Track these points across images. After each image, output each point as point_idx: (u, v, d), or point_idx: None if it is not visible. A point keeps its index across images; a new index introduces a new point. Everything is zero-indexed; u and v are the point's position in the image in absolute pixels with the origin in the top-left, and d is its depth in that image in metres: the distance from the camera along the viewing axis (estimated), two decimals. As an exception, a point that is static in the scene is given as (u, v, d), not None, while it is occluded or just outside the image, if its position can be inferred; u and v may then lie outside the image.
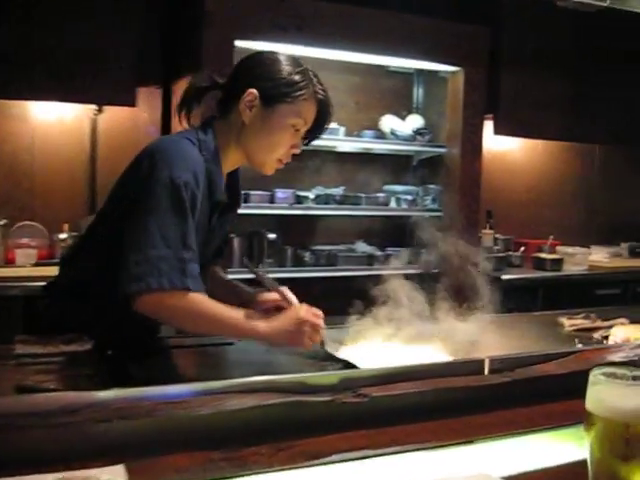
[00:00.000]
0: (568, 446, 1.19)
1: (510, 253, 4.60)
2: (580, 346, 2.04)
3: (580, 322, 2.39)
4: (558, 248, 4.67)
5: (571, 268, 4.56)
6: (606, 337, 2.19)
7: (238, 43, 3.45)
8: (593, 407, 0.88)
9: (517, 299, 4.11)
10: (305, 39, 3.60)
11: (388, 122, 4.26)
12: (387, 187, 4.33)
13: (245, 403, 1.16)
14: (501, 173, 5.01)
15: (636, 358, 1.62)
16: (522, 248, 4.67)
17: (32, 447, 0.95)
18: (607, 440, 0.86)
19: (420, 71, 4.48)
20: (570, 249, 4.67)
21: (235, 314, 1.65)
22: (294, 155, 1.89)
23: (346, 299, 1.99)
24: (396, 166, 4.57)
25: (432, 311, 2.11)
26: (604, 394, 0.87)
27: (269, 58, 1.83)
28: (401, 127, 4.27)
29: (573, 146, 5.23)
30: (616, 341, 2.08)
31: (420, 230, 4.36)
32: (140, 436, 1.06)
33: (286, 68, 1.80)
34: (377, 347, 1.85)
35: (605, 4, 2.62)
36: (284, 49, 3.46)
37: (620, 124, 5.00)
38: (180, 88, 3.78)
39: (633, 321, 2.34)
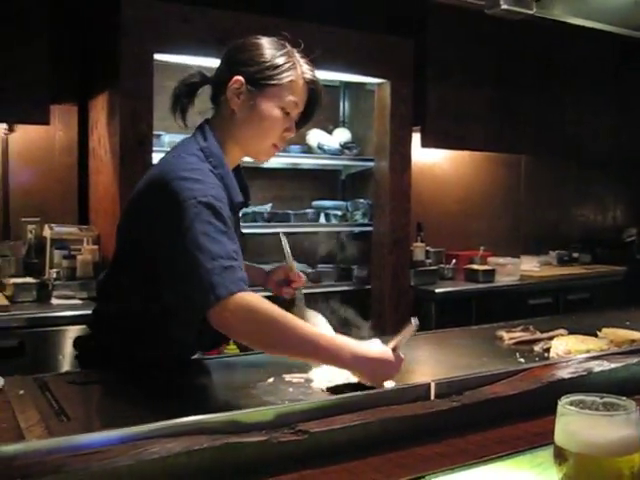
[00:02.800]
0: (526, 475, 1.10)
1: (442, 266, 4.55)
2: (522, 360, 1.98)
3: (519, 335, 2.33)
4: (489, 259, 4.66)
5: (503, 279, 4.55)
6: (547, 349, 2.13)
7: (157, 56, 3.31)
8: (564, 441, 0.78)
9: (451, 312, 4.08)
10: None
11: (315, 136, 4.16)
12: (316, 203, 4.23)
13: (170, 450, 1.02)
14: (430, 185, 4.98)
15: (585, 373, 1.55)
16: (454, 260, 4.64)
17: None
18: (582, 478, 0.77)
19: (346, 84, 4.42)
20: (501, 259, 4.67)
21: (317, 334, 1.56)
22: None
23: None
24: (325, 181, 4.49)
25: (366, 329, 2.01)
26: (575, 426, 0.77)
27: (252, 43, 1.81)
28: (328, 141, 4.18)
29: (499, 157, 5.25)
30: (558, 354, 2.03)
31: (351, 246, 4.32)
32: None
33: (269, 52, 1.78)
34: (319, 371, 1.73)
35: (531, 11, 2.60)
36: (205, 62, 3.36)
37: (544, 135, 5.07)
38: (97, 104, 3.64)
39: (572, 332, 2.29)
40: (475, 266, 4.50)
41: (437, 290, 4.13)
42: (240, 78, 1.76)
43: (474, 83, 4.61)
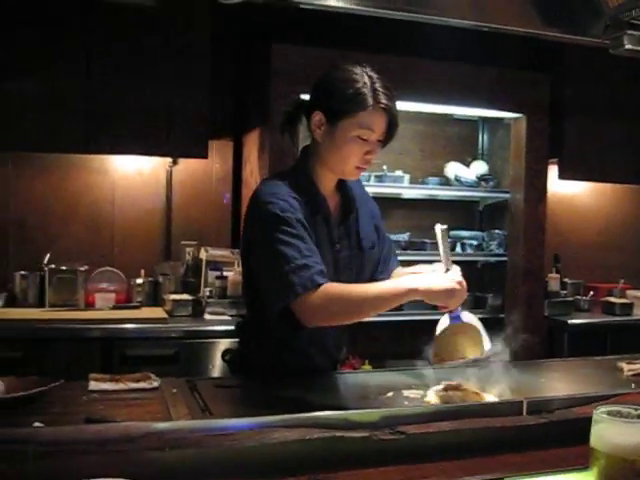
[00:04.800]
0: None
1: (578, 297, 4.56)
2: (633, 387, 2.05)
3: (639, 367, 2.38)
4: (628, 292, 4.61)
5: (640, 312, 4.49)
6: (663, 382, 2.18)
7: (305, 96, 3.61)
8: (596, 444, 0.94)
9: (584, 344, 4.09)
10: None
11: (453, 169, 4.34)
12: (453, 232, 4.39)
13: (287, 437, 1.26)
14: (569, 217, 5.00)
15: (679, 401, 1.64)
16: (591, 292, 4.63)
17: (91, 472, 1.06)
18: (609, 476, 0.93)
19: (484, 118, 4.56)
20: (638, 293, 4.60)
21: (377, 284, 1.91)
22: None
23: (413, 342, 2.09)
24: (462, 212, 4.64)
25: (497, 355, 2.15)
26: (606, 431, 0.93)
27: (330, 78, 2.04)
28: (465, 173, 4.34)
29: (643, 188, 5.18)
30: (672, 386, 2.08)
31: (486, 275, 4.43)
32: (188, 465, 1.17)
33: (344, 85, 1.96)
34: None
35: (655, 51, 2.64)
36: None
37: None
38: (250, 140, 4.00)
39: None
40: (612, 299, 4.48)
41: (570, 321, 4.16)
42: (320, 113, 2.00)
43: (613, 116, 4.59)
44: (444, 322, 2.03)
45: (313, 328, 1.97)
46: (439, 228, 2.02)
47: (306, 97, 3.55)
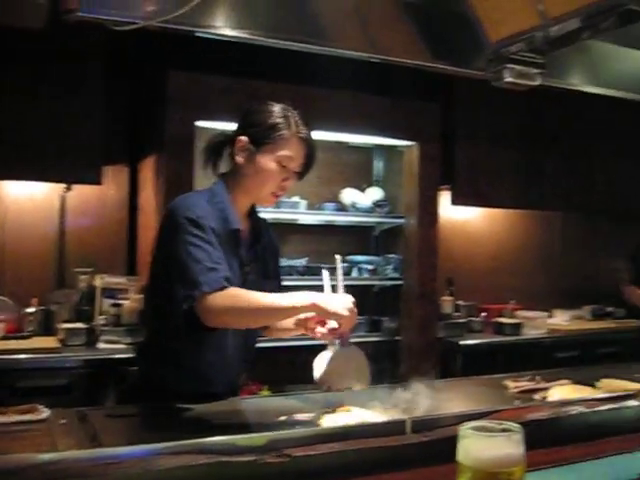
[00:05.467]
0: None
1: (471, 319, 4.72)
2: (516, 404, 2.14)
3: (524, 384, 2.48)
4: (518, 313, 4.80)
5: (531, 332, 4.68)
6: (545, 398, 2.28)
7: (199, 123, 3.62)
8: (462, 458, 0.99)
9: (477, 364, 4.21)
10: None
11: (348, 195, 4.43)
12: (349, 257, 4.46)
13: (172, 464, 1.26)
14: (462, 241, 5.17)
15: (554, 416, 1.73)
16: (483, 314, 4.79)
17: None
18: (475, 487, 0.98)
19: (379, 146, 4.67)
20: (530, 313, 4.81)
21: (279, 295, 2.02)
22: None
23: (312, 368, 2.15)
24: (358, 237, 4.72)
25: (389, 377, 2.22)
26: (471, 446, 0.98)
27: (255, 109, 2.18)
28: (361, 199, 4.44)
29: (532, 213, 5.41)
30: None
31: (382, 299, 4.52)
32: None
33: (268, 115, 2.13)
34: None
35: (536, 83, 2.79)
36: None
37: (573, 192, 5.20)
38: (146, 166, 3.97)
39: (576, 382, 2.44)
40: (502, 319, 4.66)
41: (462, 342, 4.30)
42: (244, 138, 2.13)
43: (502, 144, 4.81)
44: (330, 349, 2.12)
45: (213, 353, 2.06)
46: (339, 258, 2.21)
47: (202, 124, 3.62)
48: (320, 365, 2.11)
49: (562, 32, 2.55)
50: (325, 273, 2.19)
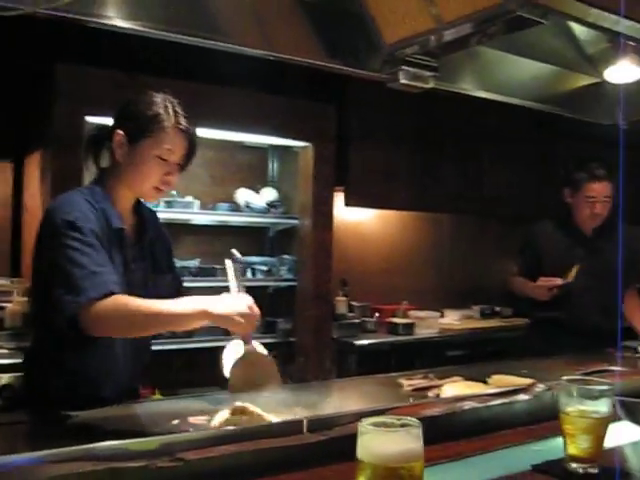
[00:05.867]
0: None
1: (365, 319, 4.76)
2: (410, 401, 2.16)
3: (417, 382, 2.51)
4: (410, 313, 4.88)
5: (423, 331, 4.77)
6: (438, 395, 2.31)
7: (90, 119, 3.49)
8: (362, 455, 0.97)
9: (371, 364, 4.26)
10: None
11: (243, 195, 4.38)
12: (243, 258, 4.41)
13: (59, 471, 1.18)
14: (355, 242, 5.21)
15: (448, 412, 1.75)
16: (377, 314, 4.85)
17: None
18: (375, 483, 0.96)
19: (274, 146, 4.65)
20: (422, 313, 4.89)
21: (170, 302, 1.86)
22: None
23: (207, 370, 2.10)
24: (252, 237, 4.68)
25: (285, 378, 2.19)
26: (370, 442, 0.97)
27: (133, 100, 2.10)
28: (255, 200, 4.40)
29: (424, 215, 5.52)
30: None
31: (277, 300, 4.50)
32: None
33: (146, 107, 2.05)
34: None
35: (429, 86, 2.84)
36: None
37: (465, 194, 5.34)
38: (32, 162, 3.80)
39: (468, 379, 2.49)
40: (395, 319, 4.72)
41: (357, 342, 4.33)
42: (120, 132, 2.06)
43: (396, 146, 4.89)
44: (234, 349, 2.05)
45: (101, 358, 1.98)
46: (229, 262, 2.11)
47: (92, 119, 3.49)
48: (227, 364, 2.06)
49: (455, 36, 2.61)
50: (229, 264, 2.11)
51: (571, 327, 3.35)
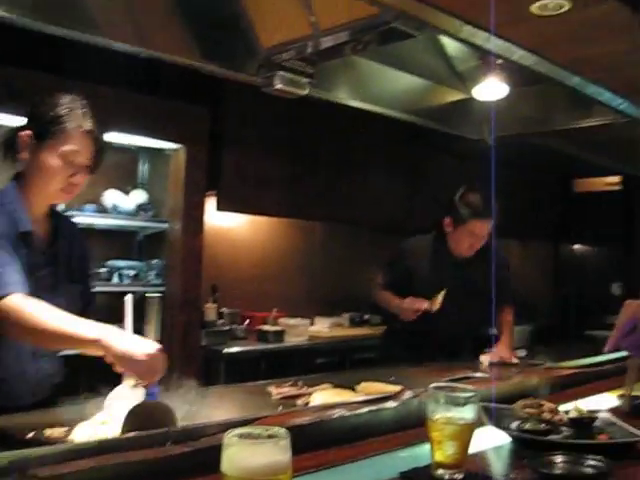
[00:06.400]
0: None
1: (234, 326, 4.70)
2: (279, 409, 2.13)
3: (286, 390, 2.49)
4: (280, 320, 4.86)
5: (293, 339, 4.76)
6: (307, 403, 2.30)
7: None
8: (226, 468, 0.93)
9: (240, 371, 4.21)
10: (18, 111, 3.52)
11: (111, 197, 4.22)
12: (110, 262, 4.26)
13: None
14: (226, 248, 5.14)
15: (317, 420, 1.73)
16: (247, 321, 4.80)
17: None
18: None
19: (144, 147, 4.52)
20: (292, 321, 4.89)
21: (71, 319, 1.80)
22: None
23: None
24: (120, 241, 4.53)
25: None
26: (236, 455, 0.92)
27: (39, 101, 2.06)
28: (124, 202, 4.25)
29: (295, 222, 5.52)
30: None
31: (142, 306, 4.35)
32: None
33: (49, 108, 2.02)
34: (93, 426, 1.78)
35: (305, 92, 2.84)
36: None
37: (339, 203, 5.40)
38: None
39: (337, 386, 2.49)
40: (265, 327, 4.69)
41: (225, 350, 4.27)
42: (26, 133, 2.03)
43: (270, 152, 4.87)
44: (123, 394, 1.87)
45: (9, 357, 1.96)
46: (129, 299, 1.98)
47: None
48: (115, 412, 1.82)
49: (331, 44, 2.63)
50: (128, 299, 1.98)
51: (433, 338, 3.39)
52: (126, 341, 1.76)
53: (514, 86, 3.44)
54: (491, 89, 3.21)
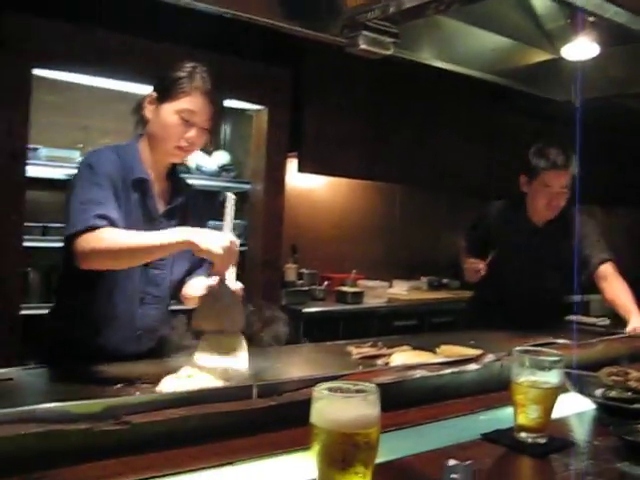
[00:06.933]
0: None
1: (314, 287, 4.74)
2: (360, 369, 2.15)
3: (366, 350, 2.51)
4: (359, 282, 4.88)
5: (371, 301, 4.78)
6: (387, 363, 2.31)
7: (36, 72, 3.37)
8: (316, 420, 0.95)
9: (319, 331, 4.26)
10: (108, 72, 3.60)
11: (194, 157, 4.29)
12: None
13: (-2, 433, 1.14)
14: (306, 209, 5.18)
15: (398, 380, 1.74)
16: (326, 282, 4.83)
17: None
18: (328, 450, 0.93)
19: (227, 108, 4.53)
20: (370, 283, 4.90)
21: (154, 233, 1.95)
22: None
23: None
24: (204, 201, 4.59)
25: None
26: (325, 407, 0.94)
27: (168, 67, 2.19)
28: (207, 163, 4.31)
29: (375, 185, 5.50)
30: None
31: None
32: None
33: (172, 70, 2.15)
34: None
35: (389, 52, 2.80)
36: (86, 80, 3.43)
37: (418, 166, 5.34)
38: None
39: (416, 348, 2.49)
40: (344, 288, 4.72)
41: (305, 310, 4.31)
42: (150, 95, 2.19)
43: (350, 115, 4.84)
44: (202, 283, 2.09)
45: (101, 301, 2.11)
46: (231, 197, 2.14)
47: (39, 72, 3.38)
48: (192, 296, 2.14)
49: (414, 3, 2.58)
50: (230, 200, 2.14)
51: (510, 306, 3.31)
52: (209, 237, 1.90)
53: (604, 46, 3.31)
54: (580, 48, 3.09)
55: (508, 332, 2.97)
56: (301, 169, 4.67)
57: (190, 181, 4.18)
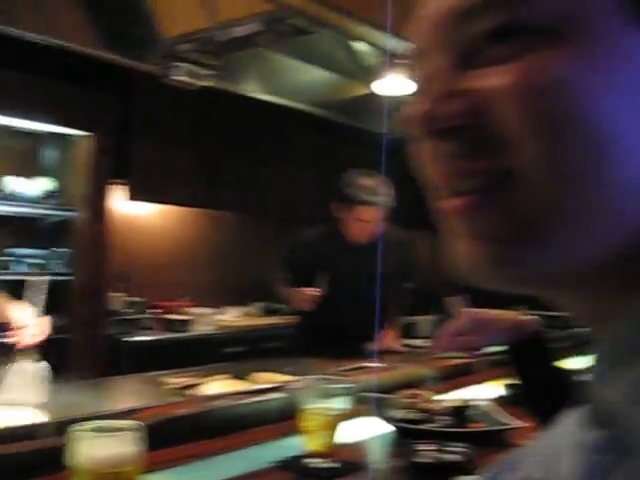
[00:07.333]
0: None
1: (142, 315, 4.66)
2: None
3: (181, 380, 2.50)
4: (189, 309, 4.85)
5: (201, 328, 4.76)
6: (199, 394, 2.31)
7: None
8: (75, 461, 0.95)
9: (146, 361, 4.17)
10: None
11: (13, 183, 4.12)
12: (12, 250, 4.16)
13: None
14: (137, 237, 5.08)
15: (196, 411, 1.76)
16: (155, 310, 4.77)
17: None
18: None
19: (50, 133, 4.42)
20: (199, 310, 4.88)
21: None
22: None
23: None
24: (24, 229, 4.42)
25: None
26: (80, 447, 0.95)
27: None
28: (28, 189, 4.15)
29: (208, 213, 5.47)
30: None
31: (51, 295, 4.28)
32: None
33: None
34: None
35: (206, 83, 2.85)
36: None
37: (246, 195, 5.39)
38: None
39: (236, 376, 2.51)
40: (172, 316, 4.68)
41: (129, 339, 4.23)
42: None
43: (178, 144, 4.82)
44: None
45: None
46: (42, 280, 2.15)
47: None
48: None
49: (230, 37, 2.65)
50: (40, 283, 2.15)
51: (333, 331, 3.37)
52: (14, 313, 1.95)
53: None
54: (391, 84, 3.26)
55: (327, 358, 3.05)
56: (132, 197, 4.60)
57: (9, 207, 4.09)
